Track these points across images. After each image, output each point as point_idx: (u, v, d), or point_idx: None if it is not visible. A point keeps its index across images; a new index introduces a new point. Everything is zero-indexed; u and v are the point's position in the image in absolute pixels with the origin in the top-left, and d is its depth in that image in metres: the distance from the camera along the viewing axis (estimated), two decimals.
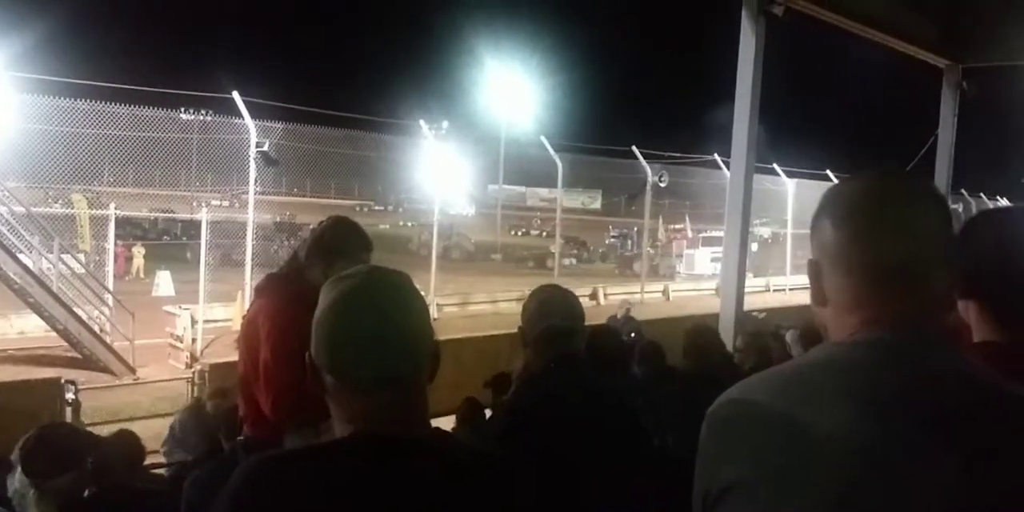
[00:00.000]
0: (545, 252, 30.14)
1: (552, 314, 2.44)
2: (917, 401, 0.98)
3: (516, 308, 2.60)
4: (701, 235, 27.99)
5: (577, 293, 2.68)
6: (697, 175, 22.19)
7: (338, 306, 1.25)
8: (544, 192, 42.80)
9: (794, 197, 22.79)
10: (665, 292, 20.94)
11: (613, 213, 34.77)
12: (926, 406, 0.97)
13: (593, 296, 18.85)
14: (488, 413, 5.90)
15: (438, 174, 16.68)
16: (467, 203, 34.10)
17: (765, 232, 27.57)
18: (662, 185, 20.25)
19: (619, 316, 11.62)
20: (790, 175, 22.82)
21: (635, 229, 28.08)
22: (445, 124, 29.94)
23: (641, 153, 19.54)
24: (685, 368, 4.66)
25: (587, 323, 2.62)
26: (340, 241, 3.01)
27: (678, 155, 22.84)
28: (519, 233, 40.02)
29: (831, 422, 0.97)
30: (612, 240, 31.81)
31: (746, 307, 8.00)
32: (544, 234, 34.96)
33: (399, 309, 1.26)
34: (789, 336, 5.49)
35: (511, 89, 46.32)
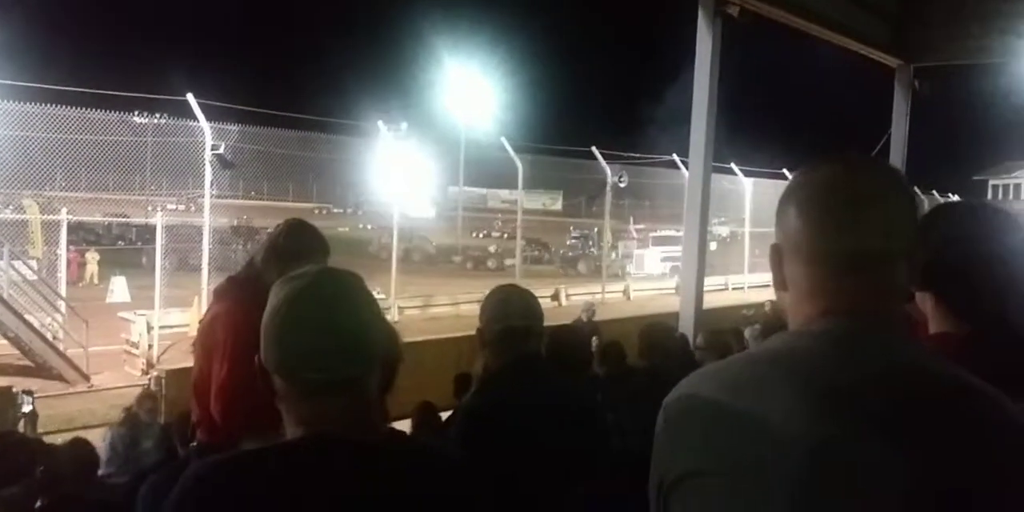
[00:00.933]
0: (484, 254, 30.10)
1: (510, 314, 2.43)
2: (873, 395, 0.97)
3: (477, 310, 2.58)
4: (651, 235, 27.86)
5: (538, 294, 2.67)
6: (656, 175, 22.32)
7: (286, 308, 1.23)
8: (505, 194, 42.77)
9: (751, 196, 23.01)
10: (626, 292, 21.05)
11: (574, 214, 34.85)
12: (882, 400, 0.96)
13: (555, 297, 18.85)
14: (446, 415, 5.89)
15: (398, 176, 16.58)
16: (427, 205, 33.99)
17: (724, 231, 27.82)
18: (622, 185, 20.34)
19: (584, 319, 11.75)
20: (747, 174, 23.04)
21: (595, 230, 28.18)
22: (404, 125, 29.79)
23: (601, 154, 19.60)
24: (643, 367, 4.68)
25: (549, 323, 2.60)
26: (295, 244, 2.96)
27: (637, 155, 22.96)
28: (481, 235, 39.94)
29: (784, 416, 0.96)
30: (573, 241, 31.92)
31: (705, 306, 8.07)
32: (505, 236, 34.92)
33: (348, 311, 1.24)
34: (748, 333, 5.54)
35: (470, 90, 46.27)
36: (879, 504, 0.92)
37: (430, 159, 21.02)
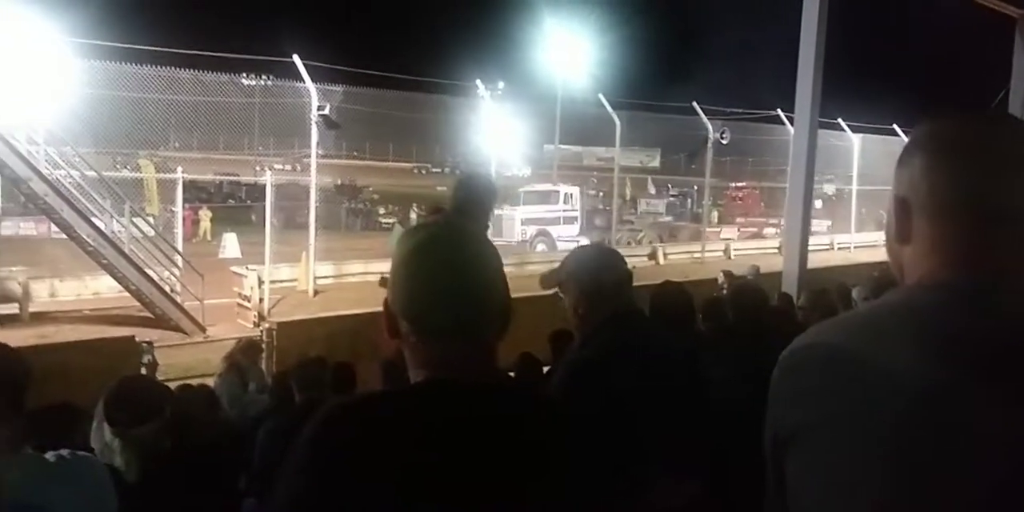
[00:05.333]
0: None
1: (600, 271, 2.47)
2: (992, 345, 0.96)
3: None
4: (521, 191, 22.86)
5: (635, 253, 2.71)
6: (760, 131, 21.76)
7: (414, 256, 1.30)
8: (601, 151, 42.27)
9: (860, 153, 22.24)
10: (727, 251, 20.73)
11: (672, 171, 34.33)
12: (997, 353, 0.96)
13: (652, 256, 18.74)
14: (546, 369, 5.98)
15: (494, 134, 16.67)
16: (523, 163, 33.99)
17: (830, 189, 26.97)
18: (724, 142, 19.94)
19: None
20: (855, 130, 22.24)
21: (695, 188, 27.72)
22: (501, 84, 29.76)
23: (702, 109, 19.20)
24: (739, 328, 4.60)
25: (648, 282, 2.63)
26: (466, 194, 3.42)
27: (740, 111, 22.39)
28: None
29: (898, 365, 0.96)
30: (671, 199, 31.48)
31: (809, 265, 7.90)
32: (600, 194, 34.71)
33: (473, 260, 1.30)
34: (856, 293, 5.40)
35: (568, 47, 45.68)
36: (983, 450, 0.92)
37: (526, 117, 20.98)
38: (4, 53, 11.19)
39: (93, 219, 11.62)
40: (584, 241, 19.78)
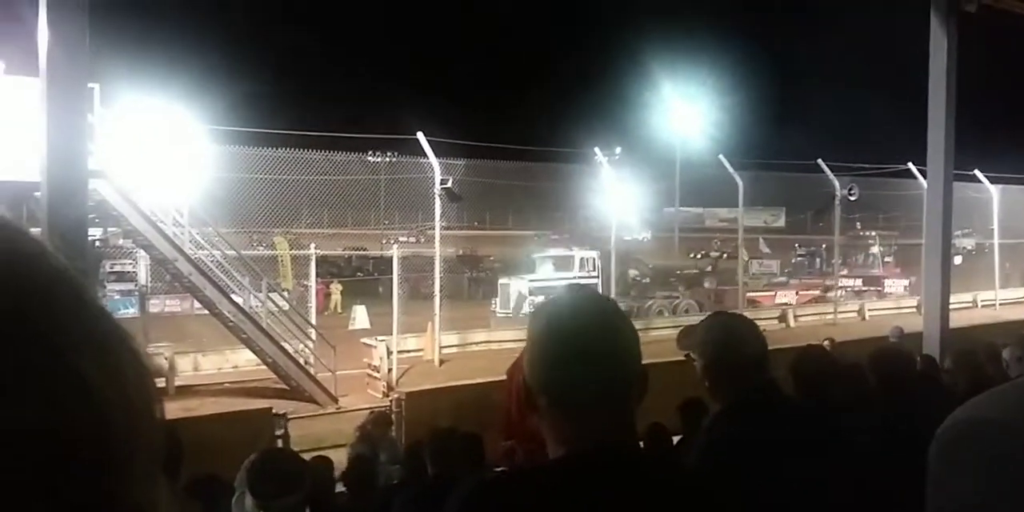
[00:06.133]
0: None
1: (737, 343, 2.36)
2: None
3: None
4: (536, 256, 21.05)
5: (764, 315, 2.63)
6: (890, 186, 21.07)
7: (550, 331, 1.30)
8: (723, 212, 41.78)
9: (1000, 204, 21.18)
10: (860, 312, 19.91)
11: (799, 230, 33.48)
12: None
13: (782, 319, 18.18)
14: (676, 439, 5.82)
15: (613, 200, 16.74)
16: (643, 227, 33.89)
17: (968, 243, 25.68)
18: (852, 199, 19.40)
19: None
20: (994, 181, 21.24)
21: (823, 246, 26.95)
22: (618, 150, 29.99)
23: (828, 166, 18.79)
24: (881, 393, 4.38)
25: (782, 347, 2.54)
26: None
27: (868, 166, 21.76)
28: (698, 255, 39.21)
29: None
30: (799, 258, 30.61)
31: (952, 325, 7.50)
32: (724, 255, 34.12)
33: (606, 331, 1.30)
34: (1007, 353, 5.06)
35: (685, 109, 45.82)
36: None
37: (645, 181, 21.03)
38: (153, 142, 12.10)
39: (233, 295, 12.20)
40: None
